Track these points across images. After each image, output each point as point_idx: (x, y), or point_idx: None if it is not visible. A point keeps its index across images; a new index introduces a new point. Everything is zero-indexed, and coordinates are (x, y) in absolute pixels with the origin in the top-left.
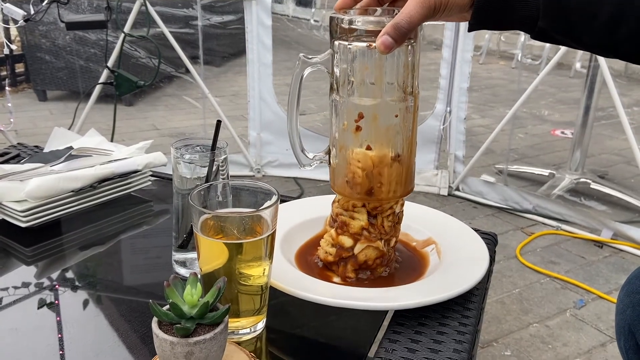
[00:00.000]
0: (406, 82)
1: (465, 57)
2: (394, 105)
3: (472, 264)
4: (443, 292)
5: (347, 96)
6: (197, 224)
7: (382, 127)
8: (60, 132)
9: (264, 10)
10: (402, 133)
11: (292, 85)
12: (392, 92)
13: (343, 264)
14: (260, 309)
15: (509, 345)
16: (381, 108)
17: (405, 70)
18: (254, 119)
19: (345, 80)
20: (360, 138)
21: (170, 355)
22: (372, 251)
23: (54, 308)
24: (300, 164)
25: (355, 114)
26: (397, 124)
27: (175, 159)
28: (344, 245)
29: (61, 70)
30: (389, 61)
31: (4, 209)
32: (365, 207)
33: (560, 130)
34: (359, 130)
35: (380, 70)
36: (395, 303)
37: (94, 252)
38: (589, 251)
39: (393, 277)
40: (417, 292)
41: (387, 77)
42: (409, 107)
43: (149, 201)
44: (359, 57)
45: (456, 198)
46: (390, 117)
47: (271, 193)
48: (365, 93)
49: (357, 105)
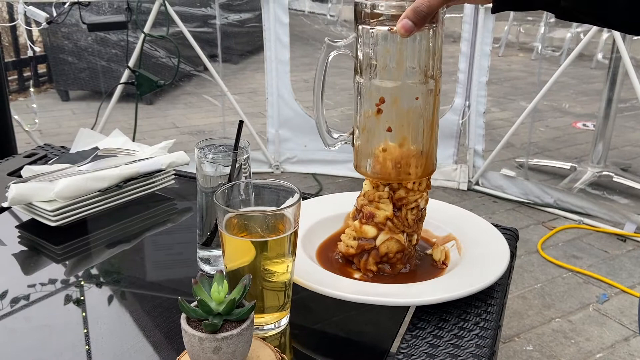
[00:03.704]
0: (427, 65)
1: (484, 50)
2: (415, 87)
3: (492, 260)
4: (464, 288)
5: (369, 79)
6: (221, 223)
7: (403, 109)
8: (86, 132)
9: (281, 8)
10: (423, 115)
11: (318, 68)
12: (413, 75)
13: (365, 256)
14: (284, 305)
15: (531, 340)
16: (402, 90)
17: (426, 54)
18: (272, 116)
19: (368, 63)
20: (381, 120)
21: (199, 350)
22: (394, 244)
23: (81, 304)
24: (325, 144)
25: (377, 96)
26: (418, 107)
27: (199, 159)
28: (367, 235)
29: (83, 71)
30: (410, 44)
31: (35, 209)
32: (391, 199)
33: (582, 122)
34: (380, 113)
35: (401, 54)
36: (416, 299)
37: (119, 250)
38: (611, 245)
39: (414, 274)
40: (438, 288)
41: (408, 60)
42: (430, 90)
43: (172, 199)
44: (381, 40)
45: (476, 193)
46: (411, 99)
47: (293, 191)
48: (386, 76)
49: (379, 87)
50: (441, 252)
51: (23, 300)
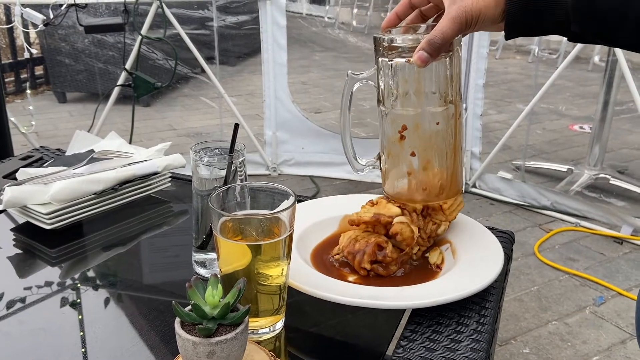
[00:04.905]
0: (446, 91)
1: (481, 53)
2: (435, 113)
3: (486, 263)
4: (460, 290)
5: (391, 107)
6: (216, 226)
7: (425, 134)
8: (82, 135)
9: (278, 10)
10: (445, 139)
11: (343, 100)
12: (433, 101)
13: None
14: (278, 309)
15: (528, 343)
16: (423, 117)
17: (444, 81)
18: (269, 118)
19: (389, 92)
20: (405, 146)
21: (193, 354)
22: (407, 230)
23: (76, 307)
24: (354, 170)
25: (399, 124)
26: (439, 131)
27: (194, 162)
28: (389, 210)
29: (80, 73)
30: (428, 73)
31: (29, 212)
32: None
33: (578, 125)
34: (403, 139)
35: (419, 83)
36: (412, 302)
37: (115, 253)
38: (608, 247)
39: (408, 277)
40: (434, 290)
41: (427, 88)
42: (450, 115)
43: (168, 202)
44: (400, 71)
45: (473, 195)
46: (432, 124)
47: (288, 194)
48: (407, 104)
49: (400, 115)
50: (438, 256)
51: (18, 303)
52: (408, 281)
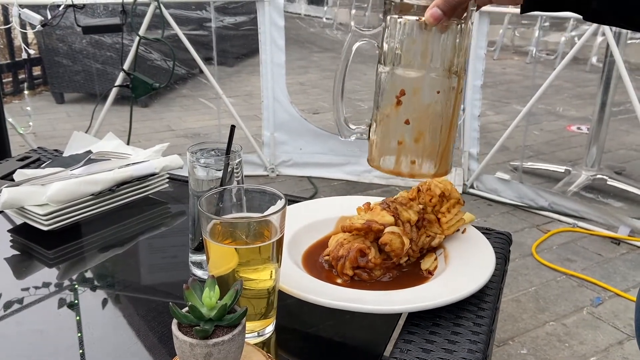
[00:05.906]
0: (452, 61)
1: (478, 54)
2: (437, 81)
3: (480, 265)
4: (455, 293)
5: (392, 68)
6: (206, 229)
7: (423, 102)
8: (79, 136)
9: (276, 11)
10: (442, 111)
11: (343, 56)
12: (437, 68)
13: (342, 261)
14: (267, 313)
15: (525, 343)
16: (424, 83)
17: (452, 50)
18: (267, 119)
19: (393, 53)
20: (400, 112)
21: (190, 356)
22: (397, 241)
23: (74, 308)
24: (341, 135)
25: (397, 88)
26: (438, 101)
27: (191, 163)
28: (382, 218)
29: (78, 74)
30: (437, 38)
31: (27, 213)
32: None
33: (576, 125)
34: (400, 105)
35: (426, 46)
36: (409, 305)
37: (113, 254)
38: (605, 248)
39: (401, 280)
40: (426, 294)
41: (434, 53)
42: (452, 87)
43: (166, 203)
44: (408, 30)
45: (471, 196)
46: (432, 92)
47: (278, 197)
48: (409, 66)
49: (400, 77)
50: (432, 263)
51: (16, 304)
52: (402, 284)
